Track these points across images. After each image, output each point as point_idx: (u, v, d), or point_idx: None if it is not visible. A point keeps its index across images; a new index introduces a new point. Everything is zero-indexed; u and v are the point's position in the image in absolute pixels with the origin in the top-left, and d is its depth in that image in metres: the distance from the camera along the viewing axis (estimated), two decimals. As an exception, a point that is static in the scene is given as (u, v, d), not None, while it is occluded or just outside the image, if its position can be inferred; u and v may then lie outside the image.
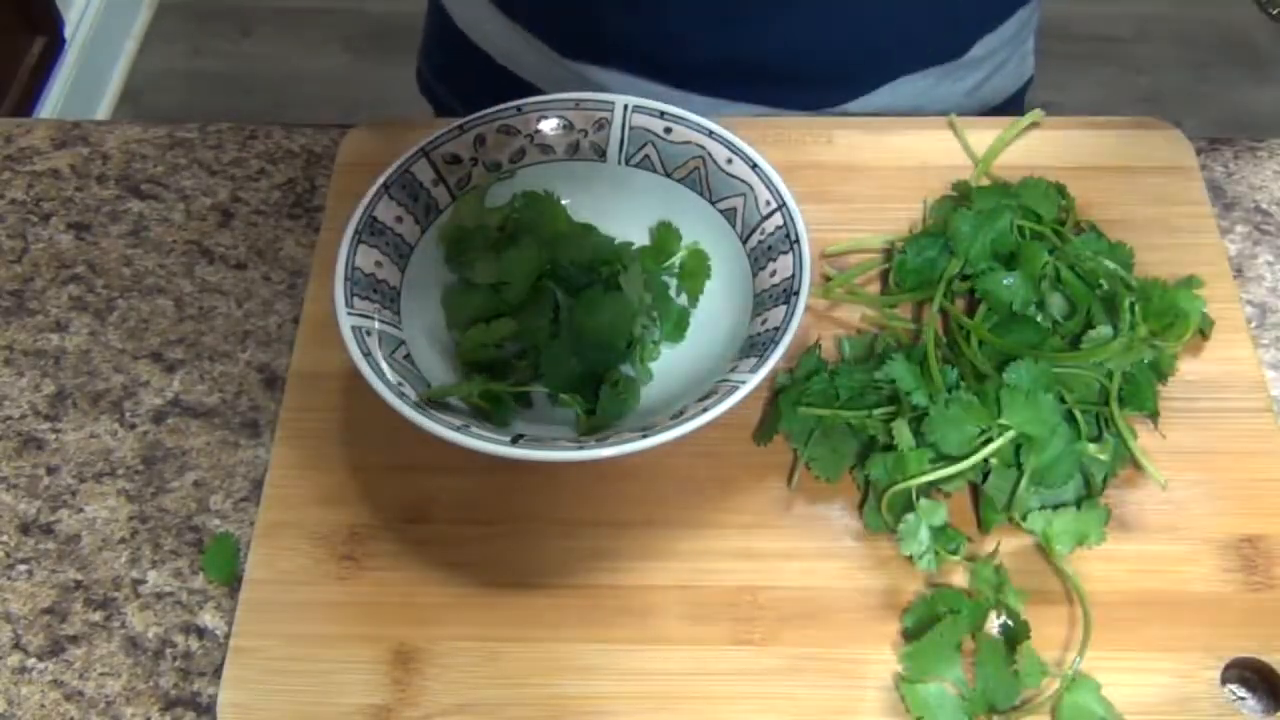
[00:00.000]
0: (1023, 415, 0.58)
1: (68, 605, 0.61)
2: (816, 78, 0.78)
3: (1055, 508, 0.59)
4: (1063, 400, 0.60)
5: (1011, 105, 0.89)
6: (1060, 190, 0.69)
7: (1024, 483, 0.59)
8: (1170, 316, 0.63)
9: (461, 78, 0.90)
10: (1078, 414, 0.60)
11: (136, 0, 2.25)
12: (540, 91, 0.72)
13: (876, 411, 0.61)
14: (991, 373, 0.61)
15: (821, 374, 0.62)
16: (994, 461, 0.59)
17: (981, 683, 0.56)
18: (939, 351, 0.63)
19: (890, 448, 0.60)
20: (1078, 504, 0.59)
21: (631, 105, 0.69)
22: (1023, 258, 0.65)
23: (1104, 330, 0.63)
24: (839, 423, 0.61)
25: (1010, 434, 0.58)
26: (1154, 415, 0.62)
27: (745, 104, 0.80)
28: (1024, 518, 0.59)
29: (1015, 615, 0.57)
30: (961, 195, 0.70)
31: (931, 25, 0.79)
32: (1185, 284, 0.66)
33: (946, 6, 0.78)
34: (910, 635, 0.58)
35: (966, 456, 0.59)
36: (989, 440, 0.59)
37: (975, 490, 0.61)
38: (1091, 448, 0.59)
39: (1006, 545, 0.60)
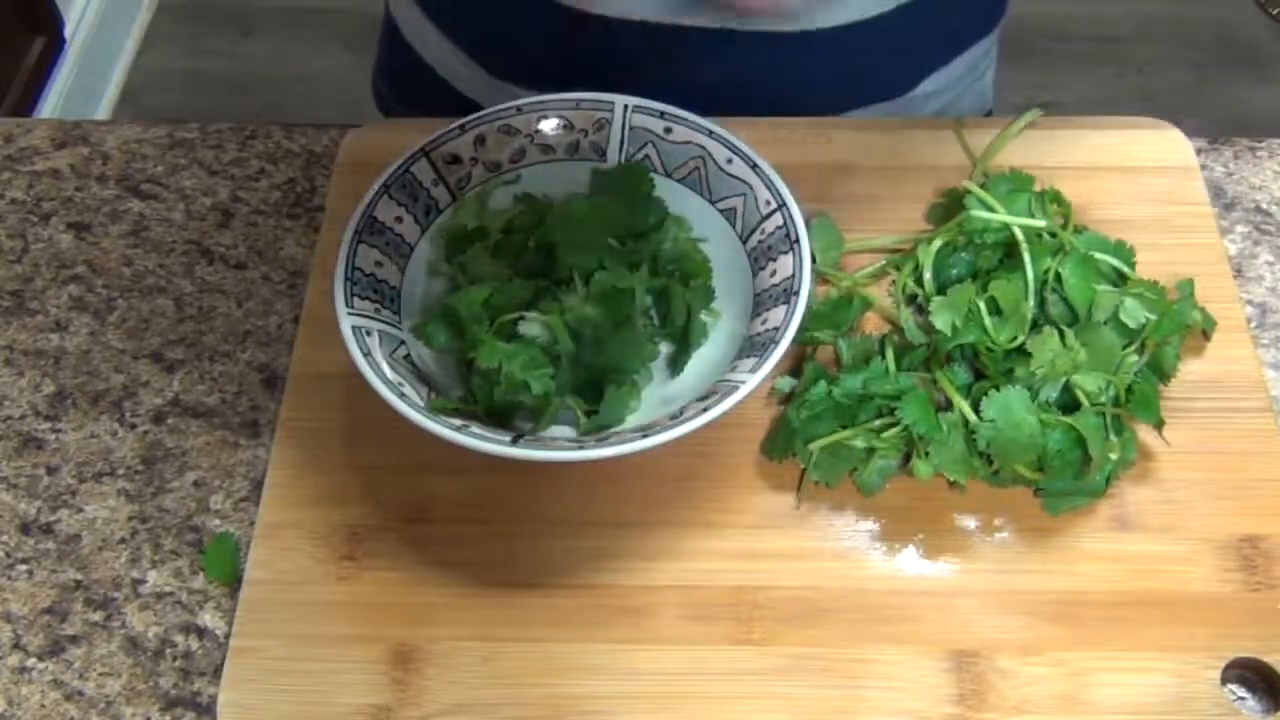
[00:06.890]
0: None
1: (68, 605, 0.61)
2: (759, 114, 0.76)
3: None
4: (1074, 400, 0.61)
5: None
6: (1056, 197, 0.68)
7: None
8: (1170, 317, 0.63)
9: (417, 97, 0.90)
10: (1086, 407, 0.60)
11: (136, 0, 2.25)
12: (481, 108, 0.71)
13: (886, 434, 0.61)
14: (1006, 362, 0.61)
15: (820, 383, 0.62)
16: None
17: None
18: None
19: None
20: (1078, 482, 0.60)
21: (632, 105, 0.69)
22: (1023, 259, 0.65)
23: (1103, 326, 0.63)
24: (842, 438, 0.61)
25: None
26: (1158, 425, 0.62)
27: None
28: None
29: None
30: (961, 196, 0.70)
31: (874, 63, 0.79)
32: (1184, 285, 0.65)
33: (888, 45, 0.78)
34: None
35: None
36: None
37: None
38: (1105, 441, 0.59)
39: (1011, 550, 0.60)
